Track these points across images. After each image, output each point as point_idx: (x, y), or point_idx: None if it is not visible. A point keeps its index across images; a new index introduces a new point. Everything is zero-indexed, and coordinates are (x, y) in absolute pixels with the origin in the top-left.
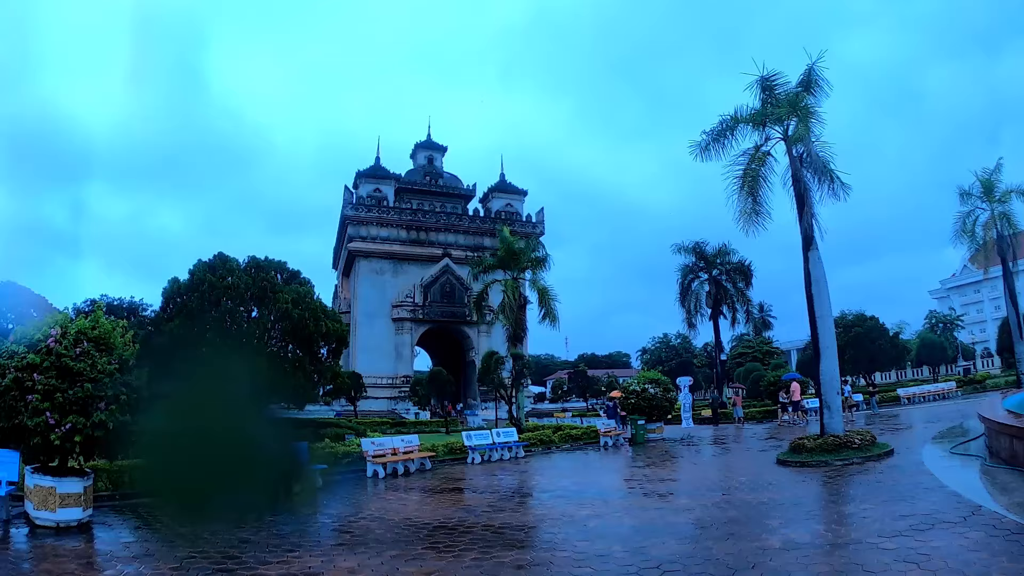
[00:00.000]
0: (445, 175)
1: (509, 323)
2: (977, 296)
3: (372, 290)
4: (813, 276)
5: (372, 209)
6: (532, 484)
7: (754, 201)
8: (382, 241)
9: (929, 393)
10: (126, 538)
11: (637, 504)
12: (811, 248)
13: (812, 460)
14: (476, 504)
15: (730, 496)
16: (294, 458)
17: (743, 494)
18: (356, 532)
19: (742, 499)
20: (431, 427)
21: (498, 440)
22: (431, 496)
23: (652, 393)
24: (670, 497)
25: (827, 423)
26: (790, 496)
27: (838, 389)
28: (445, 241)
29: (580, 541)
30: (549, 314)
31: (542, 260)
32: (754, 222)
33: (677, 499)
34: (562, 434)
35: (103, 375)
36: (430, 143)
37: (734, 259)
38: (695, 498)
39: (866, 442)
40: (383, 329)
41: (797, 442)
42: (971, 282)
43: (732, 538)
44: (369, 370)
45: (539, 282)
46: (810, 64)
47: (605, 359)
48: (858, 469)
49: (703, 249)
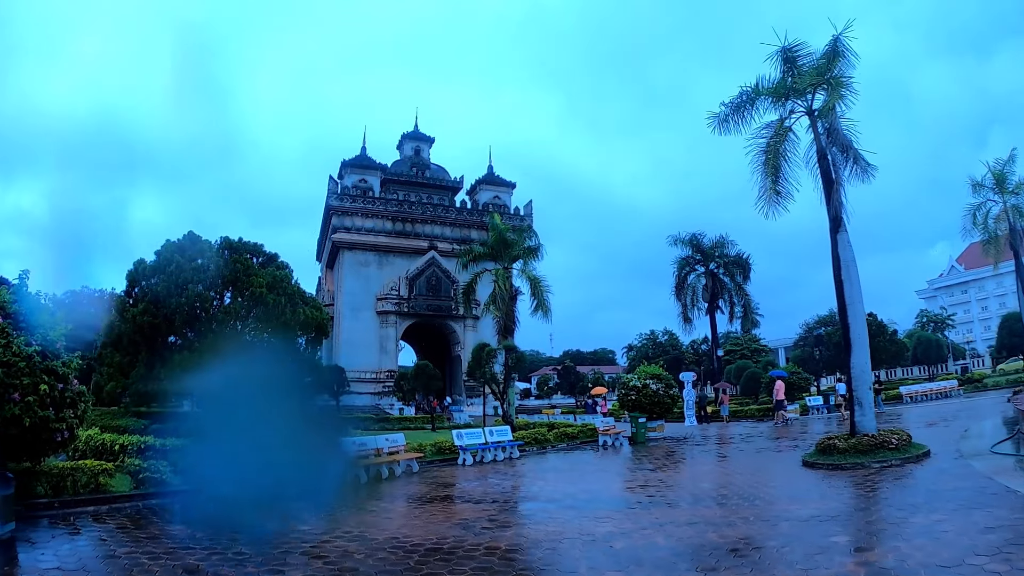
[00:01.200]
0: (432, 167)
1: (500, 314)
2: (964, 296)
3: (356, 282)
4: (842, 260)
5: (357, 199)
6: (534, 491)
7: (775, 180)
8: (367, 232)
9: (931, 391)
10: (47, 561)
11: (664, 517)
12: (840, 230)
13: (846, 462)
14: (474, 517)
15: (769, 507)
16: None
17: (783, 505)
18: (331, 558)
19: (784, 511)
20: (416, 423)
21: (491, 439)
22: (420, 507)
23: (654, 389)
24: (700, 509)
25: (859, 421)
26: (838, 506)
27: (870, 384)
28: (431, 233)
29: (613, 572)
30: (541, 305)
31: (535, 250)
32: (775, 203)
33: (708, 510)
34: (557, 433)
35: (18, 359)
36: (417, 134)
37: (732, 252)
38: (729, 509)
39: (903, 442)
40: (367, 322)
41: (826, 442)
42: (959, 282)
43: (804, 564)
44: (353, 364)
45: (531, 272)
46: (836, 35)
47: (590, 355)
48: (899, 472)
49: (700, 241)
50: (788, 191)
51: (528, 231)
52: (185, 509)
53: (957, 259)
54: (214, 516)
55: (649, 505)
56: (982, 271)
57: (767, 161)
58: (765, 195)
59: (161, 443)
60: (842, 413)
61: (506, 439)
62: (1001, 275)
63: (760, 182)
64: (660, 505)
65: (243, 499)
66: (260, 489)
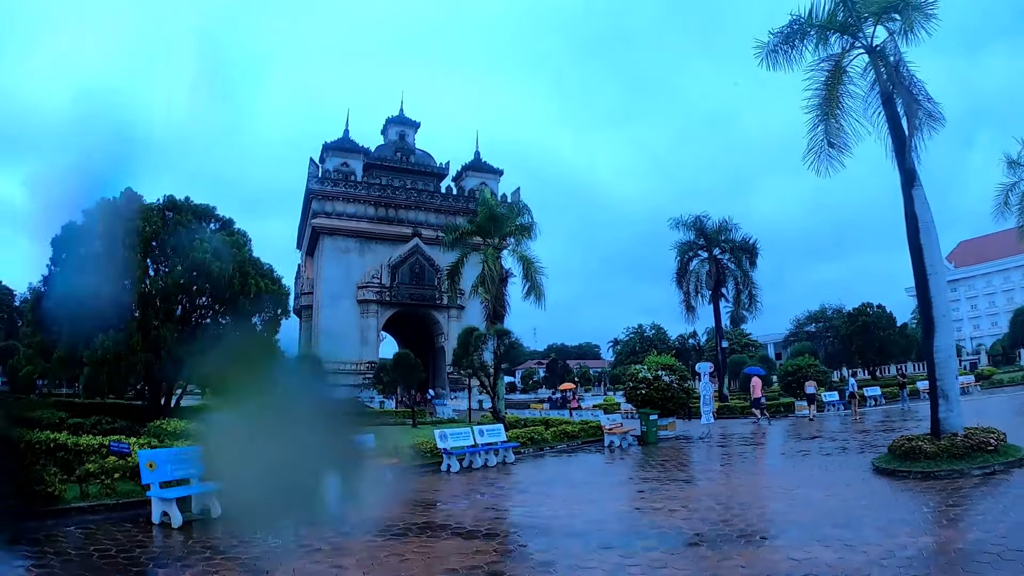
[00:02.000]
0: (417, 152)
1: (489, 298)
2: (954, 295)
3: (337, 270)
4: (920, 220)
5: (339, 183)
6: (544, 514)
7: (829, 130)
8: (348, 218)
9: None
10: None
11: (748, 558)
12: (914, 185)
13: (938, 469)
14: (466, 569)
15: (881, 544)
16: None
17: (906, 539)
18: None
19: (902, 546)
20: (397, 418)
21: (481, 440)
22: (386, 544)
23: (667, 382)
24: (797, 543)
25: (944, 418)
26: (980, 537)
27: (956, 371)
28: (415, 220)
29: None
30: (535, 288)
31: (528, 228)
32: (828, 157)
33: (812, 549)
34: (555, 431)
35: None
36: (402, 119)
37: (737, 236)
38: (843, 547)
39: (1000, 443)
40: (348, 312)
41: (907, 444)
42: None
43: None
44: (332, 355)
45: (523, 252)
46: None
47: (575, 350)
48: (1010, 481)
49: (703, 225)
50: (844, 143)
51: (520, 207)
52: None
53: (947, 257)
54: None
55: (717, 541)
56: (972, 269)
57: (822, 108)
58: (816, 148)
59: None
60: (855, 411)
61: (499, 440)
62: (989, 274)
63: (811, 132)
64: (730, 539)
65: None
66: None
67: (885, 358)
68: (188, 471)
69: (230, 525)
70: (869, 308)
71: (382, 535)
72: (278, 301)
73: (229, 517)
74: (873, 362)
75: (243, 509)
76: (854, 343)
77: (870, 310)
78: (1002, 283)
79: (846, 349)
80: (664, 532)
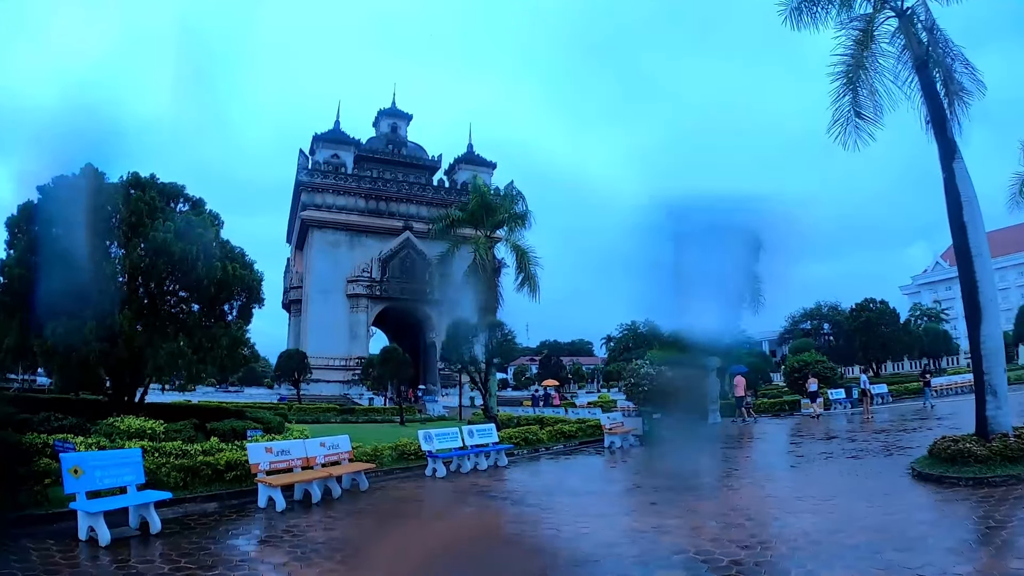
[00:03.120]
0: (410, 145)
1: (481, 289)
2: (949, 293)
3: (326, 263)
4: (963, 196)
5: (329, 175)
6: (546, 535)
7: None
8: (338, 210)
9: (957, 384)
10: None
11: None
12: (955, 158)
13: (993, 475)
14: None
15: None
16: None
17: (994, 564)
18: None
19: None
20: (384, 415)
21: (471, 442)
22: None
23: (671, 378)
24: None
25: (992, 416)
26: None
27: (1004, 364)
28: (407, 213)
29: None
30: (529, 279)
31: (522, 216)
32: (856, 129)
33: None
34: (551, 431)
35: None
36: (395, 111)
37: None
38: None
39: None
40: (337, 306)
41: (953, 447)
42: (943, 279)
43: None
44: (321, 351)
45: (517, 241)
46: None
47: (568, 346)
48: None
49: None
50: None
51: (515, 194)
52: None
53: (942, 255)
54: None
55: (761, 574)
56: None
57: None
58: (843, 119)
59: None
60: (866, 409)
61: (491, 441)
62: (1004, 268)
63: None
64: (777, 570)
65: None
66: None
67: (888, 355)
68: (125, 478)
69: (172, 541)
70: (872, 303)
71: (344, 565)
72: (250, 288)
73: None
74: (877, 359)
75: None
76: (857, 340)
77: (873, 305)
78: (1016, 278)
79: (849, 346)
80: (693, 559)
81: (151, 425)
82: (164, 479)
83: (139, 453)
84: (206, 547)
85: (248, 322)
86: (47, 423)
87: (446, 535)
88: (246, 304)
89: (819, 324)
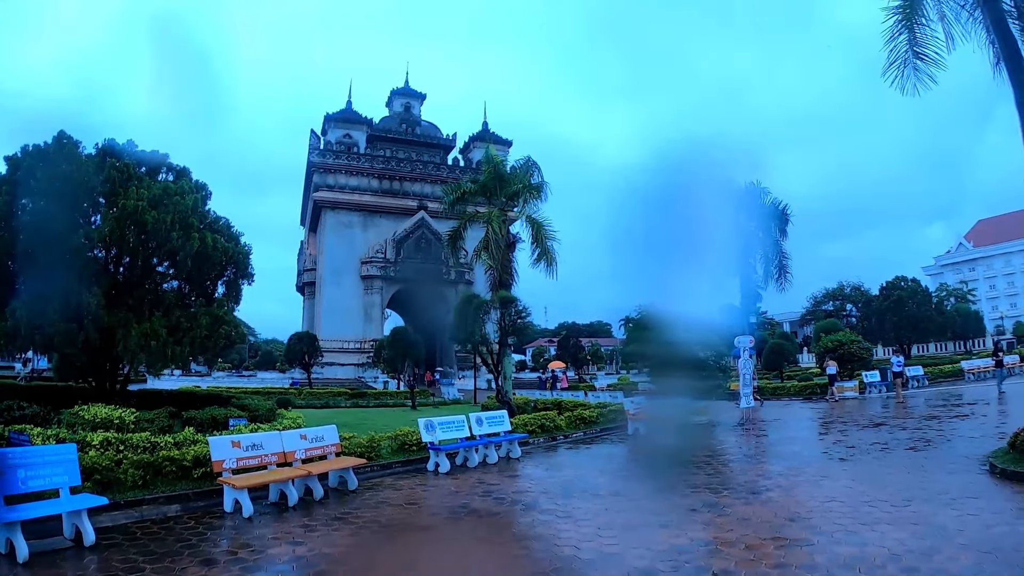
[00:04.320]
0: (423, 123)
1: (494, 264)
2: (972, 274)
3: (339, 245)
4: None
5: (341, 156)
6: (564, 556)
7: (915, 38)
8: (351, 191)
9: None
10: None
11: None
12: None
13: None
14: None
15: None
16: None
17: None
18: None
19: None
20: (396, 399)
21: (479, 431)
22: None
23: (701, 359)
24: None
25: None
26: None
27: None
28: (421, 192)
29: None
30: (545, 254)
31: (538, 188)
32: (915, 71)
33: None
34: (569, 417)
35: None
36: (408, 90)
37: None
38: None
39: None
40: (351, 288)
41: None
42: (966, 260)
43: None
44: (335, 333)
45: (532, 214)
46: None
47: (586, 328)
48: None
49: None
50: (933, 57)
51: (530, 165)
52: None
53: (965, 236)
54: None
55: None
56: (991, 248)
57: (904, 9)
58: (899, 61)
59: None
60: (897, 392)
61: (502, 430)
62: (1010, 254)
63: (890, 41)
64: None
65: None
66: None
67: (920, 336)
68: (56, 479)
69: (103, 557)
70: (903, 281)
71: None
72: (236, 263)
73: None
74: (908, 340)
75: None
76: (887, 319)
77: (904, 283)
78: (1021, 263)
79: (880, 326)
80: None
81: (119, 414)
82: (121, 477)
83: (73, 449)
84: (139, 567)
85: (237, 301)
86: (8, 412)
87: (434, 559)
88: (233, 280)
89: (842, 304)
